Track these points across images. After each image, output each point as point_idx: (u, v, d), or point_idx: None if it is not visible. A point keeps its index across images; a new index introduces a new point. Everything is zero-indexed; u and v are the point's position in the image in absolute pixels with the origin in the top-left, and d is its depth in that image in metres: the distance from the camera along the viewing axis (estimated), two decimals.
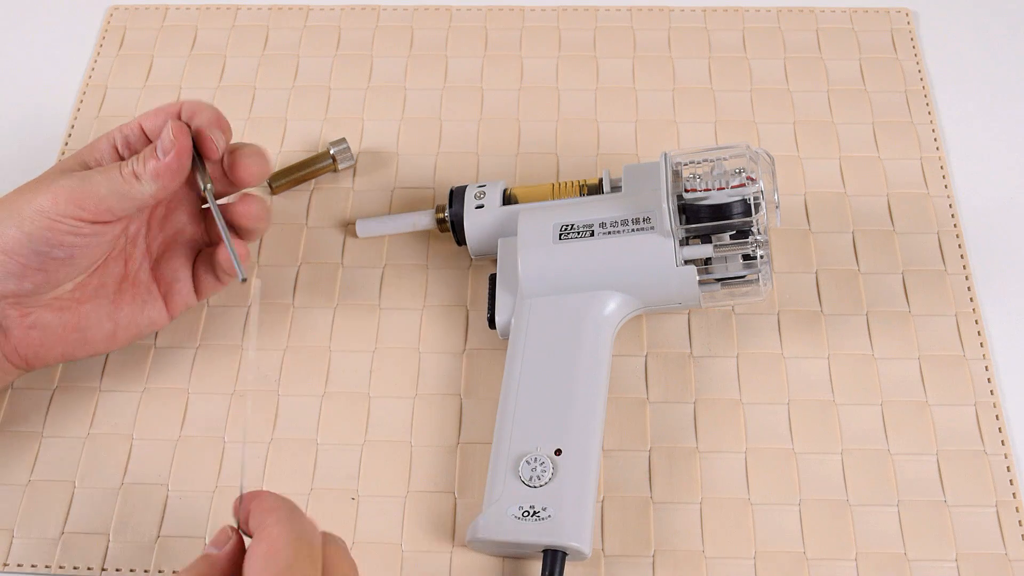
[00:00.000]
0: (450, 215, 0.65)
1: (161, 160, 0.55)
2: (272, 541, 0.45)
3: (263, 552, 0.45)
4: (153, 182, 0.55)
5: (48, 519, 0.59)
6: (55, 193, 0.54)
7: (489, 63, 0.77)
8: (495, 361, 0.63)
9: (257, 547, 0.45)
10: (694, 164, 0.60)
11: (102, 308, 0.59)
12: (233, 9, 0.80)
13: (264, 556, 0.45)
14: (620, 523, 0.58)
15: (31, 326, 0.56)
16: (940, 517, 0.58)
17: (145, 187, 0.55)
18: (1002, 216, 0.69)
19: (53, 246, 0.54)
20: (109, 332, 0.59)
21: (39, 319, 0.57)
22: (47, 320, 0.57)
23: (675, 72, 0.76)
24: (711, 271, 0.59)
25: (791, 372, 0.62)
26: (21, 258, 0.54)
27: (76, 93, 0.76)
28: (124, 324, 0.59)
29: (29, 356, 0.57)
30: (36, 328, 0.57)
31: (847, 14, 0.78)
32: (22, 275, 0.55)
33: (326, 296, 0.66)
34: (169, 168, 0.55)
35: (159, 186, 0.56)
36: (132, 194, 0.55)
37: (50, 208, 0.54)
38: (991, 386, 0.62)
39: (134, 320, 0.60)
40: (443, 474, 0.60)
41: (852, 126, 0.72)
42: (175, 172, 0.56)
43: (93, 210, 0.54)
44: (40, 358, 0.58)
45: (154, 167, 0.55)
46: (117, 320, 0.59)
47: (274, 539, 0.45)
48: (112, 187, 0.55)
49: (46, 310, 0.57)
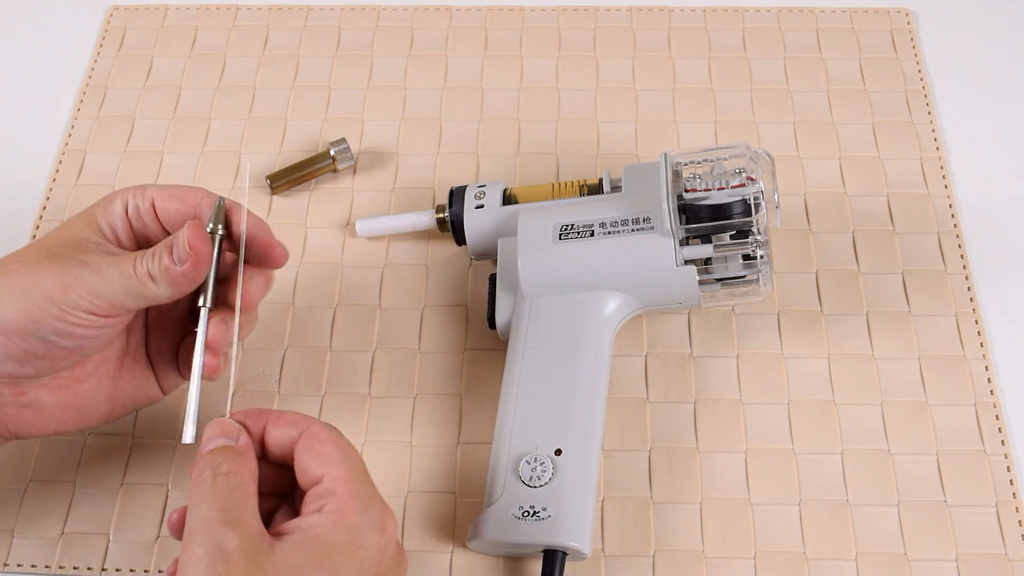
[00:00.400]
0: (450, 215, 0.65)
1: (176, 268, 0.51)
2: (336, 441, 0.48)
3: (335, 449, 0.48)
4: (168, 287, 0.51)
5: (48, 519, 0.59)
6: (67, 284, 0.50)
7: (489, 63, 0.77)
8: (495, 361, 0.63)
9: (325, 445, 0.48)
10: (694, 164, 0.60)
11: (102, 387, 0.55)
12: (233, 9, 0.80)
13: (339, 452, 0.48)
14: (620, 523, 0.58)
15: (25, 405, 0.53)
16: (940, 517, 0.58)
17: (160, 289, 0.51)
18: (1002, 216, 0.69)
19: (62, 336, 0.50)
20: (106, 411, 0.55)
21: (35, 398, 0.53)
22: (43, 400, 0.53)
23: (675, 72, 0.76)
24: (711, 271, 0.59)
25: (791, 372, 0.62)
26: (25, 344, 0.50)
27: (76, 93, 0.76)
28: (121, 402, 0.56)
29: (20, 432, 0.53)
30: (31, 407, 0.53)
31: (847, 14, 0.78)
32: (24, 360, 0.51)
33: (326, 296, 0.66)
34: (184, 276, 0.51)
35: (174, 291, 0.52)
36: (146, 294, 0.51)
37: (61, 299, 0.50)
38: (991, 386, 0.62)
39: (132, 397, 0.56)
40: (443, 474, 0.60)
41: (852, 126, 0.72)
42: (192, 280, 0.52)
43: (106, 307, 0.51)
44: (31, 434, 0.54)
45: (169, 274, 0.51)
46: (115, 399, 0.56)
47: (335, 439, 0.48)
48: (126, 286, 0.51)
49: (43, 390, 0.53)
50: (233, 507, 0.46)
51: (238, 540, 0.44)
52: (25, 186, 0.72)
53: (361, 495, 0.47)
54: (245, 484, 0.47)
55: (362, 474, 0.48)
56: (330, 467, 0.47)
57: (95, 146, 0.73)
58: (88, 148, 0.73)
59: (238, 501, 0.46)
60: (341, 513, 0.46)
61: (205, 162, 0.72)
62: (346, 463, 0.48)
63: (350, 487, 0.47)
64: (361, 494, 0.47)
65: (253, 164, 0.72)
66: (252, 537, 0.45)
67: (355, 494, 0.47)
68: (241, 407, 0.62)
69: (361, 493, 0.47)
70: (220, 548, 0.44)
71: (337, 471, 0.47)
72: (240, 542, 0.44)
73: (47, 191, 0.71)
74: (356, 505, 0.47)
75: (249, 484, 0.47)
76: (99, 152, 0.73)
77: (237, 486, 0.47)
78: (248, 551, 0.44)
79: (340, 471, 0.47)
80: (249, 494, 0.47)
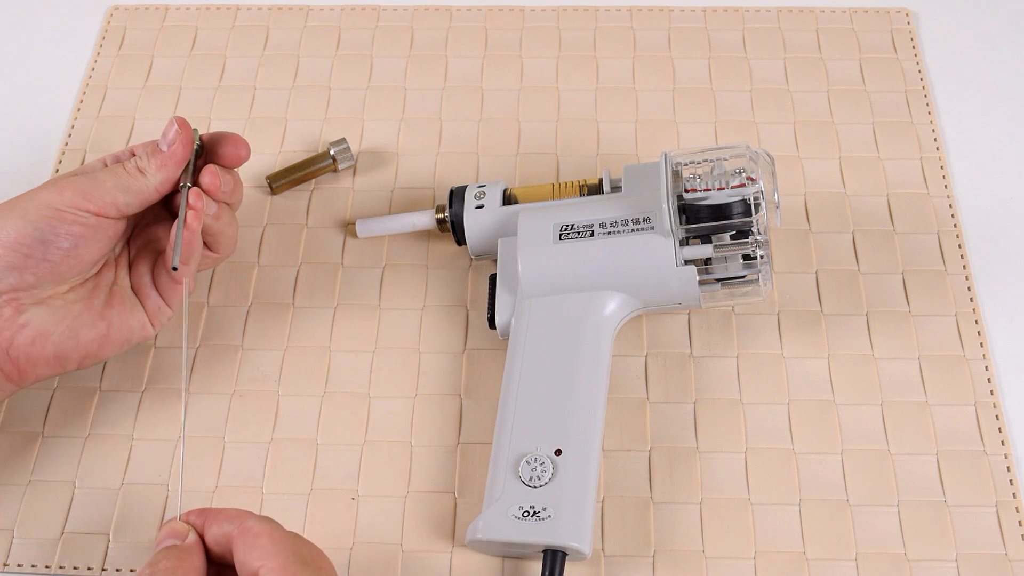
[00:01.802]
0: (450, 215, 0.65)
1: (165, 151, 0.58)
2: (266, 531, 0.49)
3: (267, 540, 0.48)
4: (158, 172, 0.58)
5: (48, 519, 0.59)
6: (60, 187, 0.56)
7: (489, 63, 0.77)
8: (495, 361, 0.63)
9: (259, 538, 0.49)
10: (694, 164, 0.60)
11: (94, 309, 0.58)
12: (233, 9, 0.80)
13: (271, 542, 0.48)
14: (620, 523, 0.58)
15: (24, 324, 0.56)
16: (940, 517, 0.58)
17: (150, 179, 0.58)
18: (1002, 216, 0.69)
19: (58, 235, 0.55)
20: (102, 332, 0.58)
21: (33, 316, 0.56)
22: (41, 317, 0.57)
23: (675, 72, 0.76)
24: (711, 271, 0.59)
25: (791, 372, 0.62)
26: (24, 248, 0.55)
27: (76, 93, 0.76)
28: (116, 325, 0.59)
29: (20, 359, 0.56)
30: (29, 326, 0.56)
31: (847, 14, 0.78)
32: (24, 266, 0.55)
33: (326, 296, 0.66)
34: (173, 156, 0.58)
35: (163, 177, 0.58)
36: (137, 187, 0.57)
37: (55, 200, 0.56)
38: (991, 386, 0.62)
39: (124, 323, 0.59)
40: (443, 474, 0.60)
41: (852, 126, 0.72)
42: (179, 160, 0.58)
43: (98, 202, 0.56)
44: (31, 361, 0.57)
45: (158, 158, 0.58)
46: (109, 320, 0.59)
47: (268, 530, 0.49)
48: (117, 181, 0.57)
49: (40, 307, 0.57)
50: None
51: None
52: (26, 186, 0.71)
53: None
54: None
55: (299, 561, 0.48)
56: (265, 559, 0.48)
57: (95, 146, 0.73)
58: (88, 148, 0.73)
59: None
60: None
61: None
62: (280, 553, 0.48)
63: (287, 572, 0.48)
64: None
65: (253, 164, 0.72)
66: None
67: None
68: (241, 407, 0.62)
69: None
70: None
71: (271, 562, 0.48)
72: None
73: None
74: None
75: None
76: (99, 152, 0.73)
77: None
78: None
79: (274, 561, 0.48)
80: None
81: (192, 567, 0.49)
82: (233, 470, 0.60)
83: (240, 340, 0.65)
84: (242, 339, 0.65)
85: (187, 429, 0.61)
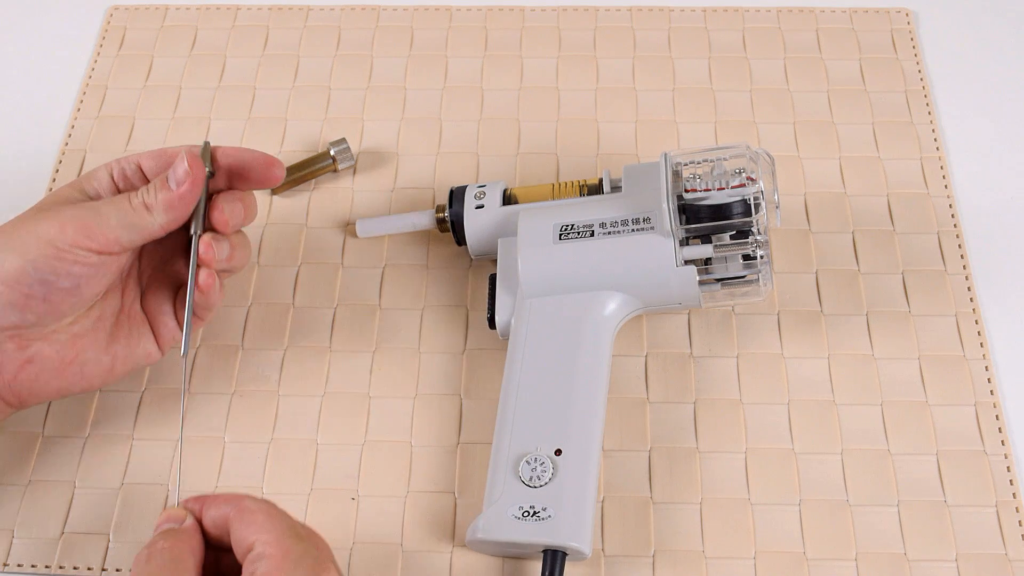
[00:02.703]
0: (450, 215, 0.65)
1: (174, 191, 0.55)
2: (263, 508, 0.49)
3: (263, 516, 0.48)
4: (165, 213, 0.55)
5: (48, 519, 0.59)
6: (62, 223, 0.53)
7: (489, 63, 0.77)
8: (495, 361, 0.63)
9: (254, 515, 0.49)
10: (694, 164, 0.60)
11: (99, 342, 0.57)
12: (233, 9, 0.80)
13: (267, 518, 0.48)
14: (620, 523, 0.58)
15: (28, 360, 0.55)
16: (940, 517, 0.58)
17: (156, 218, 0.55)
18: (1002, 216, 0.69)
19: (59, 276, 0.53)
20: (107, 366, 0.57)
21: (37, 352, 0.55)
22: (45, 353, 0.55)
23: (675, 72, 0.76)
24: (711, 271, 0.59)
25: (791, 372, 0.62)
26: (24, 288, 0.53)
27: (76, 93, 0.76)
28: (121, 358, 0.58)
29: (23, 392, 0.55)
30: (33, 362, 0.55)
31: (847, 14, 0.78)
32: (25, 306, 0.53)
33: (326, 296, 0.66)
34: (182, 199, 0.55)
35: (170, 217, 0.55)
36: (142, 225, 0.54)
37: (56, 237, 0.53)
38: (991, 386, 0.62)
39: (130, 354, 0.58)
40: (443, 474, 0.60)
41: (852, 126, 0.72)
42: (188, 203, 0.55)
43: (102, 240, 0.53)
44: (35, 394, 0.56)
45: (166, 198, 0.54)
46: (114, 354, 0.57)
47: (264, 508, 0.49)
48: (122, 218, 0.54)
49: (44, 343, 0.55)
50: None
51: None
52: (26, 186, 0.72)
53: (292, 553, 0.47)
54: (179, 560, 0.48)
55: (293, 535, 0.48)
56: (260, 533, 0.48)
57: (95, 146, 0.73)
58: (88, 148, 0.73)
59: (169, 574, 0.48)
60: (271, 573, 0.47)
61: None
62: (275, 527, 0.48)
63: (281, 547, 0.47)
64: (292, 552, 0.47)
65: None
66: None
67: (286, 553, 0.47)
68: (241, 407, 0.62)
69: (293, 551, 0.47)
70: None
71: (267, 535, 0.48)
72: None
73: (47, 191, 0.71)
74: (287, 563, 0.47)
75: (185, 560, 0.48)
76: (99, 152, 0.73)
77: (170, 562, 0.48)
78: None
79: (270, 535, 0.48)
80: (185, 568, 0.48)
81: (189, 548, 0.49)
82: (233, 470, 0.60)
83: (240, 340, 0.65)
84: (242, 339, 0.65)
85: (187, 430, 0.62)
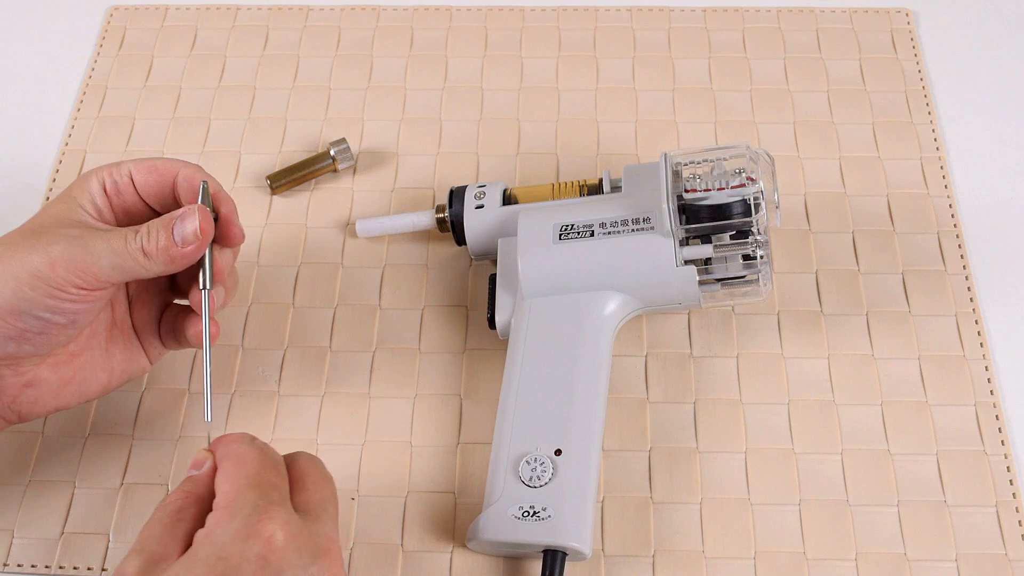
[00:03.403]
0: (450, 215, 0.65)
1: (179, 249, 0.52)
2: (239, 455, 0.49)
3: (231, 464, 0.49)
4: (163, 265, 0.52)
5: (48, 519, 0.59)
6: (53, 260, 0.51)
7: (489, 63, 0.77)
8: (495, 361, 0.63)
9: (225, 462, 0.49)
10: (694, 164, 0.60)
11: (96, 359, 0.56)
12: (233, 9, 0.80)
13: (233, 467, 0.49)
14: (620, 523, 0.58)
15: (27, 384, 0.54)
16: (940, 517, 0.58)
17: (153, 266, 0.52)
18: (1002, 216, 0.69)
19: (54, 312, 0.52)
20: (104, 381, 0.57)
21: (35, 377, 0.54)
22: (43, 376, 0.55)
23: (675, 72, 0.76)
24: (711, 271, 0.59)
25: (791, 372, 0.62)
26: (19, 322, 0.51)
27: (76, 93, 0.76)
28: (117, 372, 0.57)
29: (23, 411, 0.55)
30: (32, 385, 0.54)
31: (847, 14, 0.78)
32: (20, 339, 0.52)
33: (326, 296, 0.66)
34: (185, 257, 0.53)
35: (168, 270, 0.53)
36: (135, 269, 0.52)
37: (48, 274, 0.51)
38: (991, 386, 0.62)
39: (126, 367, 0.58)
40: (443, 474, 0.60)
41: (852, 126, 0.72)
42: (191, 261, 0.53)
43: (92, 281, 0.52)
44: (34, 412, 0.55)
45: (169, 253, 0.52)
46: (111, 369, 0.57)
47: (240, 454, 0.49)
48: (115, 260, 0.52)
49: (42, 367, 0.55)
50: (147, 538, 0.48)
51: (137, 565, 0.46)
52: (25, 186, 0.72)
53: (237, 504, 0.47)
54: (182, 510, 0.49)
55: (254, 481, 0.48)
56: (222, 482, 0.49)
57: (95, 146, 0.73)
58: (88, 148, 0.73)
59: (158, 531, 0.48)
60: (211, 529, 0.47)
61: (205, 162, 0.72)
62: (238, 474, 0.48)
63: (230, 498, 0.47)
64: (239, 503, 0.47)
65: (253, 164, 0.72)
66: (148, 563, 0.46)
67: (231, 505, 0.47)
68: (241, 408, 0.62)
69: (239, 502, 0.47)
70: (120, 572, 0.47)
71: (227, 485, 0.48)
72: (137, 567, 0.46)
73: (47, 191, 0.71)
74: (226, 517, 0.47)
75: (186, 510, 0.49)
76: (99, 152, 0.73)
77: (172, 513, 0.49)
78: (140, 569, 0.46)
79: (229, 484, 0.48)
80: (184, 518, 0.48)
81: (195, 497, 0.49)
82: None
83: (240, 340, 0.65)
84: (242, 339, 0.65)
85: (187, 429, 0.62)
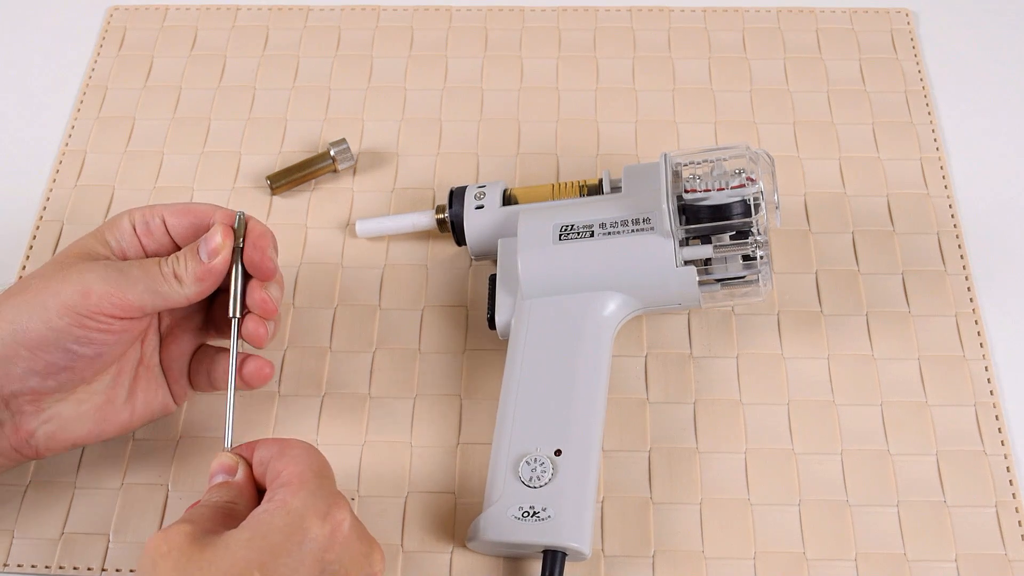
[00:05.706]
0: (450, 215, 0.65)
1: (206, 264, 0.53)
2: (303, 446, 0.51)
3: (300, 451, 0.50)
4: (194, 284, 0.53)
5: (48, 519, 0.59)
6: (86, 288, 0.51)
7: (489, 63, 0.77)
8: (495, 361, 0.63)
9: (293, 450, 0.50)
10: (694, 164, 0.60)
11: (119, 398, 0.56)
12: (233, 9, 0.80)
13: (302, 453, 0.50)
14: (620, 523, 0.58)
15: (46, 420, 0.54)
16: (940, 517, 0.58)
17: (185, 289, 0.53)
18: (1002, 216, 0.69)
19: (83, 344, 0.52)
20: (124, 420, 0.56)
21: (56, 413, 0.54)
22: (65, 414, 0.54)
23: (675, 72, 0.76)
24: (711, 271, 0.59)
25: (791, 372, 0.62)
26: (47, 355, 0.51)
27: (76, 93, 0.76)
28: (139, 412, 0.57)
29: (41, 447, 0.55)
30: (51, 421, 0.54)
31: (847, 14, 0.78)
32: (46, 373, 0.52)
33: (326, 296, 0.66)
34: (212, 272, 0.54)
35: (199, 289, 0.54)
36: (169, 295, 0.53)
37: (80, 304, 0.51)
38: (991, 386, 0.62)
39: (148, 408, 0.57)
40: (443, 474, 0.60)
41: (852, 126, 0.72)
42: (218, 276, 0.54)
43: (126, 308, 0.52)
44: (51, 448, 0.55)
45: (197, 270, 0.53)
46: (132, 408, 0.57)
47: (304, 446, 0.51)
48: (149, 285, 0.53)
49: (64, 403, 0.54)
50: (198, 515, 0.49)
51: (188, 529, 0.47)
52: (25, 186, 0.72)
53: (310, 484, 0.48)
54: (230, 501, 0.50)
55: (320, 470, 0.50)
56: (289, 464, 0.49)
57: (95, 146, 0.73)
58: (88, 148, 0.73)
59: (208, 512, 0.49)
60: (285, 499, 0.48)
61: (205, 162, 0.72)
62: (305, 460, 0.50)
63: (301, 477, 0.49)
64: (311, 483, 0.48)
65: (253, 164, 0.72)
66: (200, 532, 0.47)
67: (304, 483, 0.48)
68: (242, 408, 0.62)
69: (311, 483, 0.49)
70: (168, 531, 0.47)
71: (294, 466, 0.49)
72: (189, 531, 0.47)
73: (47, 191, 0.71)
74: (303, 492, 0.48)
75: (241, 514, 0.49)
76: (99, 152, 0.73)
77: (220, 502, 0.50)
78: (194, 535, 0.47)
79: (297, 466, 0.49)
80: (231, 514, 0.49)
81: (244, 500, 0.50)
82: None
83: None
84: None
85: (187, 429, 0.62)
